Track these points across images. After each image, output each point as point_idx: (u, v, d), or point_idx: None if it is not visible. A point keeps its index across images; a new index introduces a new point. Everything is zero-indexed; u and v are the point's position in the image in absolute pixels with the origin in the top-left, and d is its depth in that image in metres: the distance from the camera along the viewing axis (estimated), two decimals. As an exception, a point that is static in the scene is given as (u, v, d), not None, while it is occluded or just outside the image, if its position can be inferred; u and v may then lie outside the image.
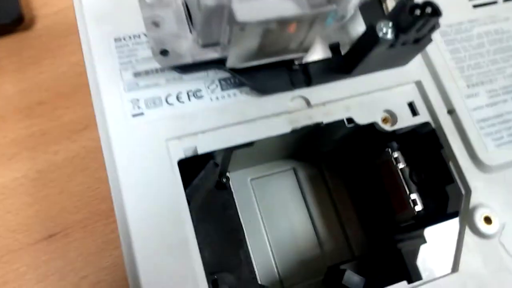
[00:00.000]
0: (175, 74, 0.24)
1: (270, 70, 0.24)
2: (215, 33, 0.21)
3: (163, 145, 0.23)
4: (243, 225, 0.30)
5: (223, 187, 0.30)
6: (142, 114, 0.23)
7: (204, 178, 0.25)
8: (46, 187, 0.31)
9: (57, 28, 0.36)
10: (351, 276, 0.24)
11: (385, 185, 0.28)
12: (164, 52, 0.23)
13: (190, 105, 0.24)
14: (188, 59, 0.23)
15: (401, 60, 0.25)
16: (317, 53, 0.25)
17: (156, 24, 0.23)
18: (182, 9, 0.23)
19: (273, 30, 0.20)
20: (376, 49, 0.22)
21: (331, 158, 0.31)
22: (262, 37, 0.20)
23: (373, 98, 0.25)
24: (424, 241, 0.23)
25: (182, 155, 0.23)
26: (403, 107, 0.25)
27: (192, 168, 0.24)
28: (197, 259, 0.21)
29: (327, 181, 0.31)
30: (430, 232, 0.23)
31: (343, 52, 0.25)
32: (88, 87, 0.35)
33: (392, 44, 0.22)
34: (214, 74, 0.24)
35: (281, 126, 0.24)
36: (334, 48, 0.25)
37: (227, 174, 0.31)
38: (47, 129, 0.33)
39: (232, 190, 0.31)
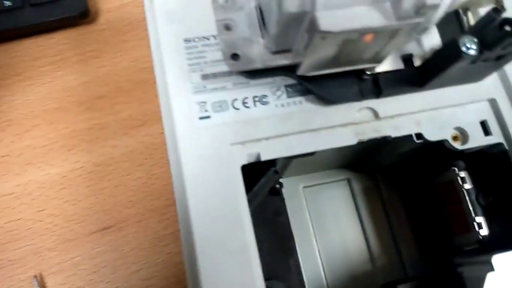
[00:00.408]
0: (242, 79, 0.24)
1: (339, 79, 0.23)
2: (290, 39, 0.21)
3: (228, 149, 0.23)
4: (293, 233, 0.29)
5: (276, 193, 0.30)
6: (209, 117, 0.23)
7: (264, 185, 0.24)
8: (103, 180, 0.32)
9: (120, 23, 0.37)
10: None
11: (447, 205, 0.27)
12: (235, 56, 0.22)
13: (255, 111, 0.23)
14: (258, 65, 0.22)
15: (478, 76, 0.24)
16: (389, 63, 0.24)
17: (228, 28, 0.23)
18: (254, 13, 0.23)
19: (353, 40, 0.19)
20: (457, 64, 0.21)
21: (388, 171, 0.30)
22: (340, 46, 0.19)
23: (444, 114, 0.24)
24: (492, 269, 0.22)
25: (245, 161, 0.23)
26: (475, 125, 0.24)
27: (253, 173, 0.24)
28: (257, 266, 0.21)
29: (383, 194, 0.30)
30: (498, 259, 0.22)
31: (415, 64, 0.24)
32: (147, 84, 0.36)
33: (474, 60, 0.21)
34: (281, 81, 0.24)
35: (347, 138, 0.23)
36: (407, 59, 0.24)
37: (280, 180, 0.31)
38: (106, 123, 0.33)
39: (284, 196, 0.30)
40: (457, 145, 0.24)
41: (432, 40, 0.24)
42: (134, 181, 0.32)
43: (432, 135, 0.24)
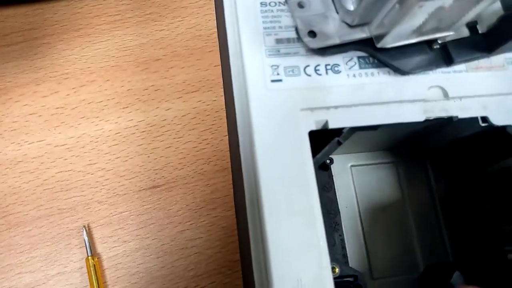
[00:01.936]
0: (315, 46, 0.24)
1: (411, 50, 0.23)
2: (373, 12, 0.21)
3: (297, 114, 0.23)
4: (339, 208, 0.30)
5: (325, 168, 0.30)
6: (280, 80, 0.23)
7: (326, 153, 0.25)
8: (155, 140, 0.32)
9: (179, -10, 0.37)
10: (460, 278, 0.23)
11: (500, 193, 0.27)
12: (311, 34, 0.23)
13: (326, 79, 0.24)
14: (335, 40, 0.23)
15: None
16: (455, 32, 0.24)
17: (301, 5, 0.23)
18: (327, -13, 0.23)
19: (443, 7, 0.19)
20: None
21: (438, 155, 0.31)
22: (430, 14, 0.20)
23: (511, 100, 0.24)
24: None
25: (313, 127, 0.23)
26: (541, 114, 0.24)
27: (316, 140, 0.24)
28: (321, 228, 0.21)
29: (430, 179, 0.31)
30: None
31: (480, 30, 0.24)
32: (203, 52, 0.36)
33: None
34: (354, 51, 0.24)
35: (415, 114, 0.24)
36: (471, 27, 0.24)
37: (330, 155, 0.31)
38: (161, 86, 0.34)
39: (333, 173, 0.31)
40: (522, 132, 0.24)
41: (492, 6, 0.24)
42: (185, 144, 0.32)
43: (497, 120, 0.24)
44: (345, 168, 0.32)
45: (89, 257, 0.28)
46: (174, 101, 0.33)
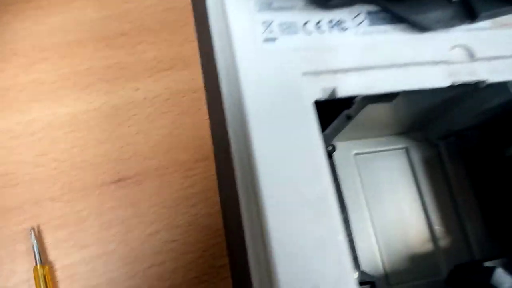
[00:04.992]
0: (315, -1, 0.20)
1: (428, 2, 0.19)
2: None
3: (298, 80, 0.18)
4: (345, 203, 0.25)
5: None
6: (275, 39, 0.19)
7: (335, 131, 0.20)
8: (121, 125, 0.27)
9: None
10: (503, 276, 0.19)
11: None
12: None
13: (331, 37, 0.19)
14: None
15: None
16: None
17: None
18: None
19: None
20: None
21: (453, 139, 0.27)
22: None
23: (546, 63, 0.21)
24: None
25: (319, 95, 0.18)
26: None
27: (323, 112, 0.19)
28: (338, 219, 0.16)
29: (446, 166, 0.27)
30: None
31: None
32: (176, 26, 0.31)
33: None
34: (361, 6, 0.20)
35: (438, 78, 0.20)
36: None
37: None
38: (128, 63, 0.29)
39: (334, 163, 0.26)
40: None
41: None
42: (158, 129, 0.28)
43: (533, 86, 0.20)
44: (349, 156, 0.27)
45: (38, 266, 0.23)
46: (144, 80, 0.29)
